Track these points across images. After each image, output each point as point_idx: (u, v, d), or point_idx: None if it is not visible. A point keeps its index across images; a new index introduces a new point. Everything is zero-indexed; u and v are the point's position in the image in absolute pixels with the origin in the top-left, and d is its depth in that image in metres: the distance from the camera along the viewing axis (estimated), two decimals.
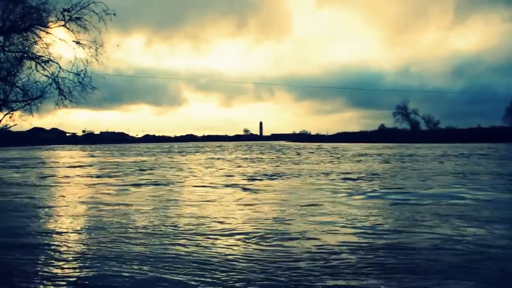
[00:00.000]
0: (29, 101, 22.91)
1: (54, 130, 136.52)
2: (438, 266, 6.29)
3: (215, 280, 5.81)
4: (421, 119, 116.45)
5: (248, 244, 7.67)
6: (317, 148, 66.47)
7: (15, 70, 22.96)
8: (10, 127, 23.74)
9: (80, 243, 7.61)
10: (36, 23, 22.44)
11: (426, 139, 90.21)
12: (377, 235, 8.26)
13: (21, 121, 23.35)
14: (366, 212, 10.60)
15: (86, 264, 6.36)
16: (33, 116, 23.25)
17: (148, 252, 6.98)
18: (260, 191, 14.94)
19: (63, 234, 8.37)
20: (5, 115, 22.86)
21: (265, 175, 21.22)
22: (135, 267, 6.21)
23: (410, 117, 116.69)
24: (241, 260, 6.67)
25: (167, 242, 7.70)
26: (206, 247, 7.44)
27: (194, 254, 7.01)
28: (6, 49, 22.74)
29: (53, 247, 7.35)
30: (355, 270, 6.14)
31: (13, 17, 22.49)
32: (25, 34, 22.55)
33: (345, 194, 13.79)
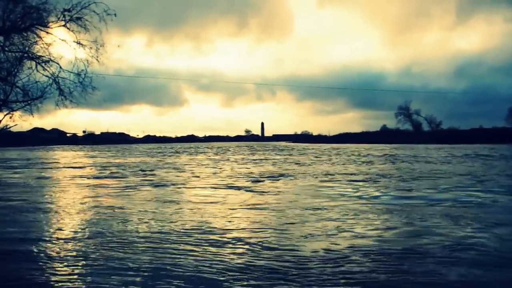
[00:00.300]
0: (29, 101, 22.70)
1: (55, 131, 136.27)
2: (454, 272, 6.05)
3: (224, 279, 5.72)
4: (423, 120, 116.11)
5: (256, 246, 7.47)
6: (320, 149, 66.25)
7: (15, 70, 22.76)
8: (10, 127, 23.54)
9: (77, 252, 7.17)
10: (36, 23, 22.22)
11: (428, 140, 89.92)
12: (388, 238, 8.02)
13: (21, 122, 23.18)
14: (376, 215, 10.33)
15: (82, 276, 5.98)
16: (33, 117, 23.08)
17: (149, 261, 6.61)
18: (265, 192, 14.63)
19: (60, 240, 7.99)
20: (5, 115, 22.67)
21: (269, 176, 20.91)
22: (134, 278, 5.83)
23: (412, 118, 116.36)
24: (249, 262, 6.50)
25: (170, 248, 7.38)
26: (212, 249, 7.24)
27: (201, 255, 6.84)
28: (6, 49, 22.52)
29: (49, 256, 6.98)
30: (367, 274, 5.95)
31: (13, 17, 22.27)
32: (25, 34, 22.33)
33: (352, 196, 13.49)
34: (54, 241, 7.88)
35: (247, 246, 7.47)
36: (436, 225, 9.11)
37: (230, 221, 9.67)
